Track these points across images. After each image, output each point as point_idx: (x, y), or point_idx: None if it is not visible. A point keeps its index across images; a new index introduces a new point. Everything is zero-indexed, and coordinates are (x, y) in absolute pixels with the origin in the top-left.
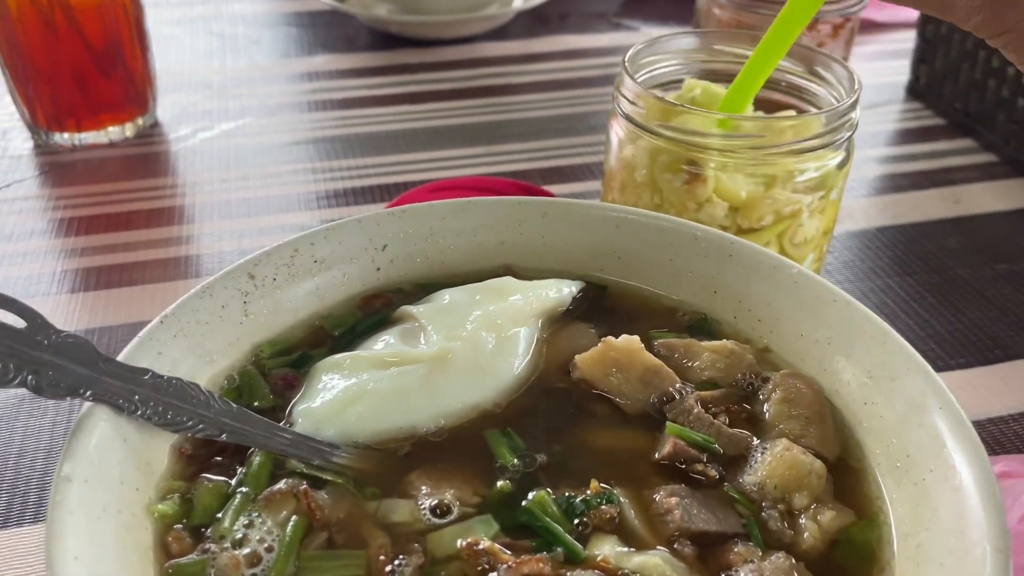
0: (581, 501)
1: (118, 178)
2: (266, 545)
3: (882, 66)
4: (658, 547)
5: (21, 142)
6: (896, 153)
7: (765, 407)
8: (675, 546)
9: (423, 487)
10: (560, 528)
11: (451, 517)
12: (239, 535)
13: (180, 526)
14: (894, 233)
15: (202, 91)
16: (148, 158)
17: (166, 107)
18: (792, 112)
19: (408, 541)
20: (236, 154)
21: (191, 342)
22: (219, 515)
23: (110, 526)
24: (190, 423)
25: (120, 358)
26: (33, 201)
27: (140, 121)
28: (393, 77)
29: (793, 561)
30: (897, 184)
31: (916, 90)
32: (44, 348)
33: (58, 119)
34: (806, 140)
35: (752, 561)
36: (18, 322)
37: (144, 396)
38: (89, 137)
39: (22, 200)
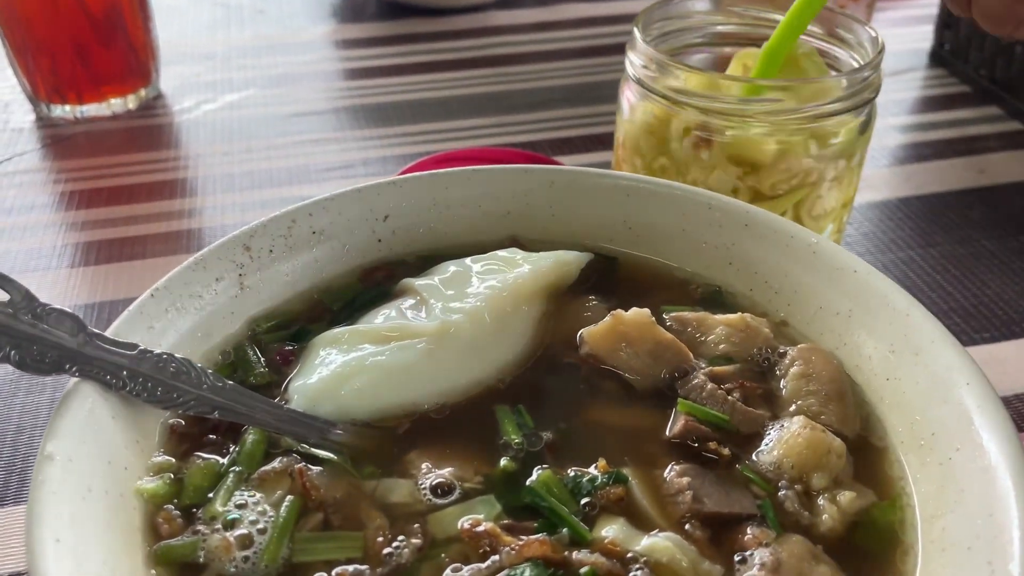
0: (588, 481)
1: (120, 151)
2: (259, 526)
3: (905, 32)
4: (668, 529)
5: (22, 115)
6: (919, 121)
7: (782, 383)
8: (686, 528)
9: (423, 465)
10: (565, 509)
11: (452, 497)
12: (231, 516)
13: (171, 506)
14: (916, 203)
15: (206, 62)
16: (151, 130)
17: (169, 78)
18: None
19: (407, 522)
20: (240, 126)
21: (184, 316)
22: (211, 495)
23: (96, 507)
24: (181, 400)
25: (109, 333)
26: (34, 174)
27: (142, 93)
28: (402, 47)
29: (811, 544)
30: (920, 153)
31: (940, 56)
32: (27, 322)
33: (59, 91)
34: (827, 103)
35: (767, 544)
36: (2, 296)
37: (133, 372)
38: (91, 109)
39: (23, 173)
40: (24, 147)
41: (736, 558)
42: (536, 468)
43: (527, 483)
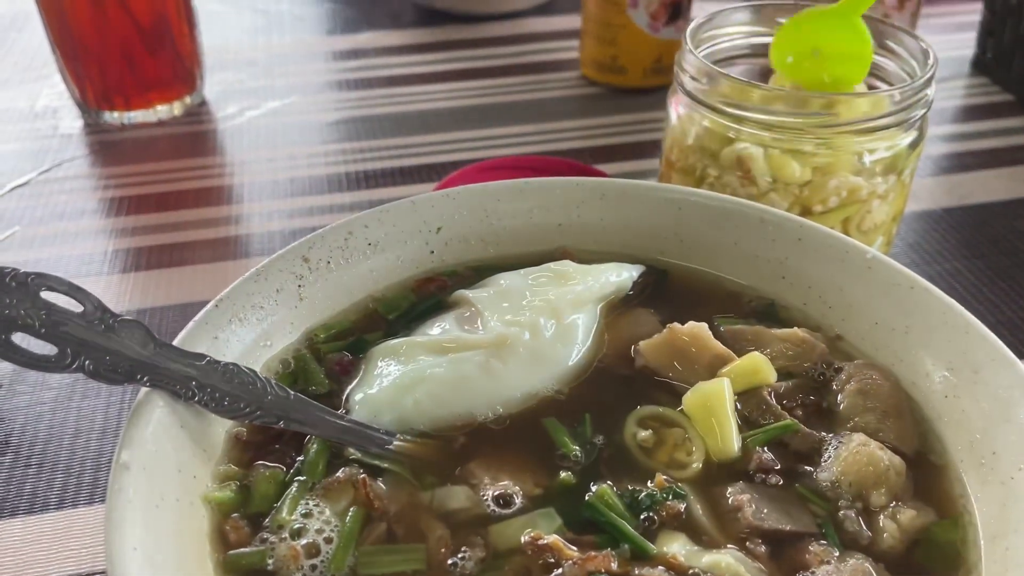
0: (647, 496)
1: (167, 157)
2: (325, 535)
3: (946, 39)
4: (728, 545)
5: (71, 121)
6: (962, 131)
7: (839, 399)
8: (747, 544)
9: (483, 477)
10: (627, 524)
11: (513, 508)
12: (297, 525)
13: (237, 515)
14: (961, 214)
15: (248, 69)
16: (196, 137)
17: (213, 85)
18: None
19: (468, 532)
20: (283, 133)
21: (246, 327)
22: (277, 504)
23: (168, 515)
24: (247, 410)
25: (175, 343)
26: (84, 180)
27: (188, 99)
28: (439, 54)
29: (873, 562)
30: (964, 163)
31: (982, 64)
32: (100, 333)
33: (107, 97)
34: (878, 118)
35: (829, 562)
36: (75, 306)
37: (201, 382)
38: (138, 116)
39: (73, 179)
40: (73, 153)
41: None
42: (593, 483)
43: (586, 497)
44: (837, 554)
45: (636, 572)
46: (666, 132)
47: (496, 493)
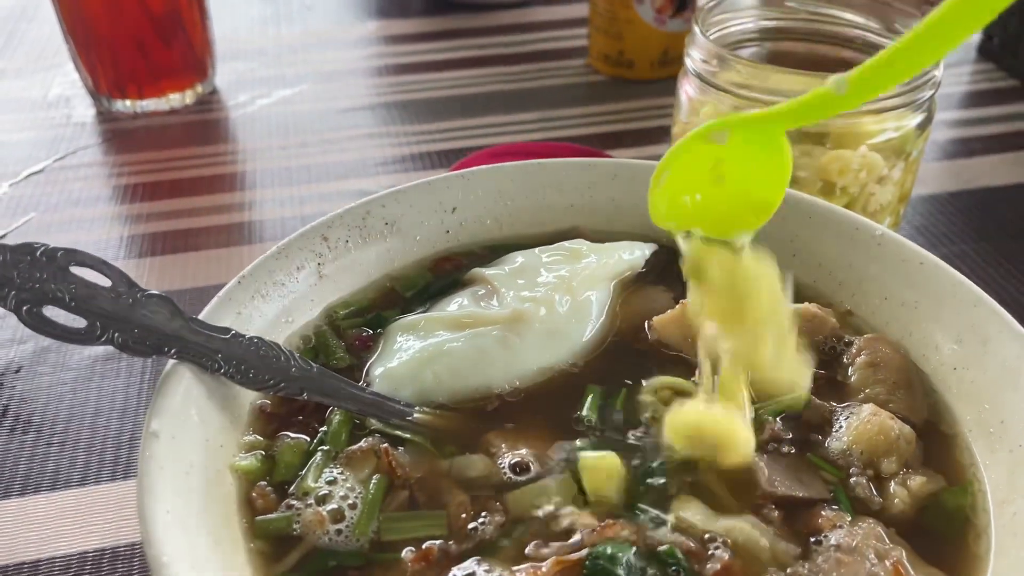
0: (659, 465)
1: (179, 145)
2: (349, 502)
3: None
4: (743, 512)
5: (84, 109)
6: (968, 116)
7: (849, 371)
8: (762, 511)
9: (501, 446)
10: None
11: (529, 475)
12: (323, 492)
13: (264, 482)
14: (967, 198)
15: (258, 58)
16: (208, 125)
17: (224, 74)
18: None
19: (488, 498)
20: (294, 120)
21: (268, 303)
22: (301, 472)
23: (197, 482)
24: (271, 382)
25: (201, 317)
26: (97, 168)
27: (200, 88)
28: (448, 42)
29: (884, 526)
30: (970, 148)
31: (988, 50)
32: (129, 306)
33: (120, 86)
34: (887, 99)
35: (841, 526)
36: (103, 281)
37: (227, 355)
38: (150, 104)
39: (87, 167)
40: (87, 141)
41: (812, 540)
42: (609, 451)
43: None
44: (849, 519)
45: (652, 534)
46: (675, 116)
47: (513, 461)
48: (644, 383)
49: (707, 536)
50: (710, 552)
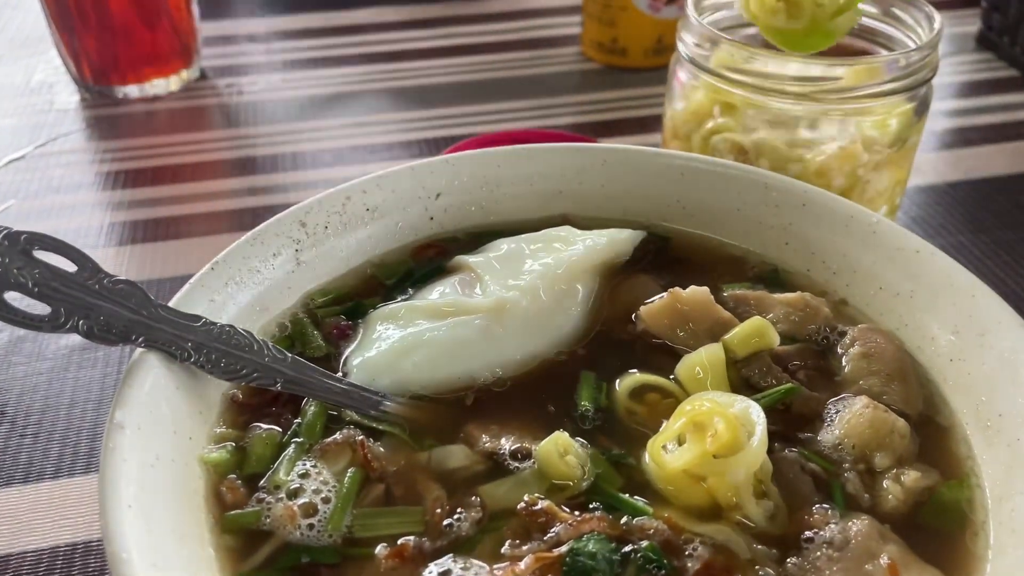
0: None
1: (163, 131)
2: (322, 496)
3: (951, 15)
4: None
5: (67, 96)
6: (966, 106)
7: (843, 362)
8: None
9: (482, 436)
10: (623, 497)
11: (509, 466)
12: (294, 486)
13: (234, 475)
14: (966, 188)
15: (246, 44)
16: (193, 112)
17: (210, 60)
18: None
19: (465, 493)
20: (282, 108)
21: (242, 290)
22: (273, 465)
23: (163, 474)
24: (244, 371)
25: (171, 304)
26: (80, 154)
27: (185, 74)
28: (439, 29)
29: (878, 523)
30: (968, 138)
31: (987, 40)
32: (95, 292)
33: (103, 72)
34: (884, 83)
35: (834, 522)
36: (69, 266)
37: (197, 343)
38: (134, 90)
39: (69, 153)
40: (69, 127)
41: (803, 537)
42: (591, 443)
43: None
44: (840, 515)
45: (633, 522)
46: (668, 100)
47: (494, 451)
48: (617, 385)
49: (685, 536)
50: (687, 553)
